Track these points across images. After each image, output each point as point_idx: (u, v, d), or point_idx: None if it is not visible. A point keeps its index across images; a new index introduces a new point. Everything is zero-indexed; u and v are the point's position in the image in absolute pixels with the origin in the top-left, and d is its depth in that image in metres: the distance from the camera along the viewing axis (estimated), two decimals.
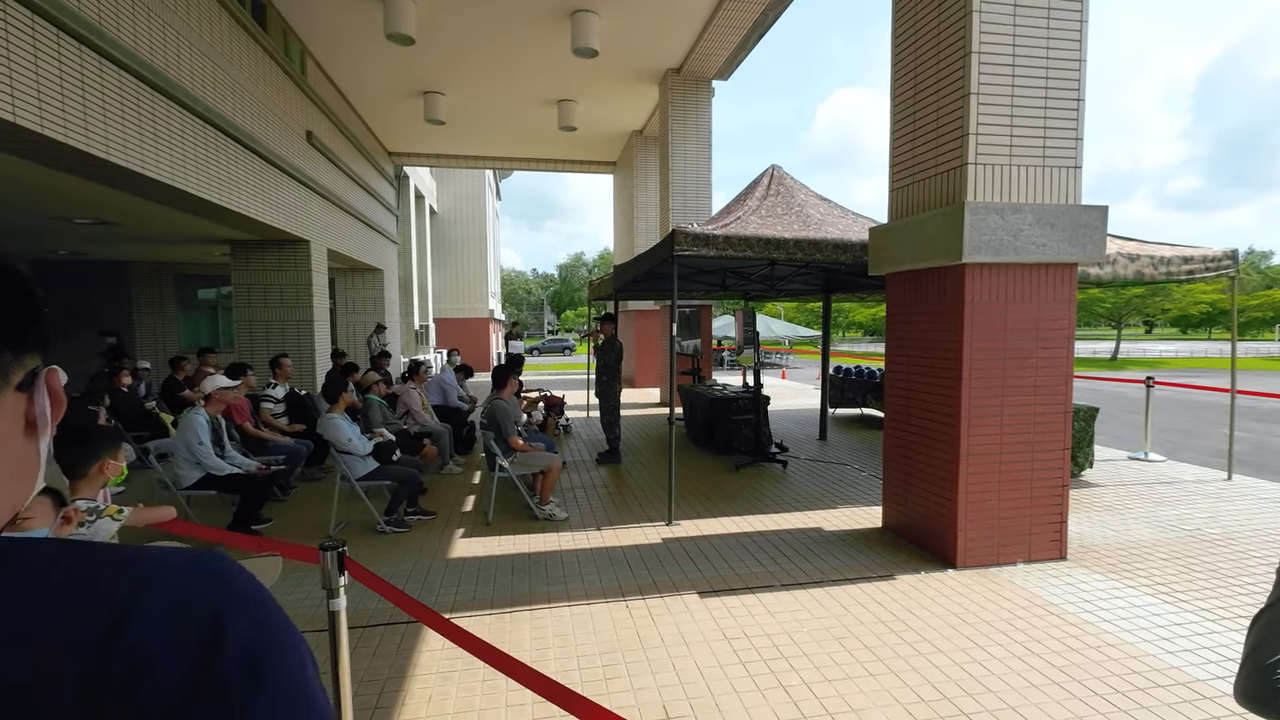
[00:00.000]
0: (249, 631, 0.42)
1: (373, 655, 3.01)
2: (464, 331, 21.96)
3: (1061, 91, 3.91)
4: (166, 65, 5.23)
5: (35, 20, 3.77)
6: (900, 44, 4.44)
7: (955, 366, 3.99)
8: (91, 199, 6.13)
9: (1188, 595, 3.61)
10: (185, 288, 13.38)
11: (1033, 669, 2.87)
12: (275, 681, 0.42)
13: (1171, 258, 5.71)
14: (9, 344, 0.47)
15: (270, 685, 0.41)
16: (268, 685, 0.41)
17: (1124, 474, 6.43)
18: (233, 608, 0.43)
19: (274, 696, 0.41)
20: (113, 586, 0.42)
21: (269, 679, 0.42)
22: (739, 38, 9.08)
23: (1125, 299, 31.83)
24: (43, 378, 0.51)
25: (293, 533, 4.84)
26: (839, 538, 4.64)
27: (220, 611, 0.42)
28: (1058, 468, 4.11)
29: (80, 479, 2.43)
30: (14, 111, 3.60)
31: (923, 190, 4.27)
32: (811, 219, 5.95)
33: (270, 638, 0.43)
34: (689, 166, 10.48)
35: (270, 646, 0.43)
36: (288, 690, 0.42)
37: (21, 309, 0.48)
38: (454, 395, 8.13)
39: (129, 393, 7.39)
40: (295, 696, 0.43)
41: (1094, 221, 3.95)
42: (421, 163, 16.00)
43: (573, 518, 5.21)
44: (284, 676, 0.43)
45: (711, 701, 2.63)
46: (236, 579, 0.46)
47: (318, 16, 8.21)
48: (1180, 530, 4.72)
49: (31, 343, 0.49)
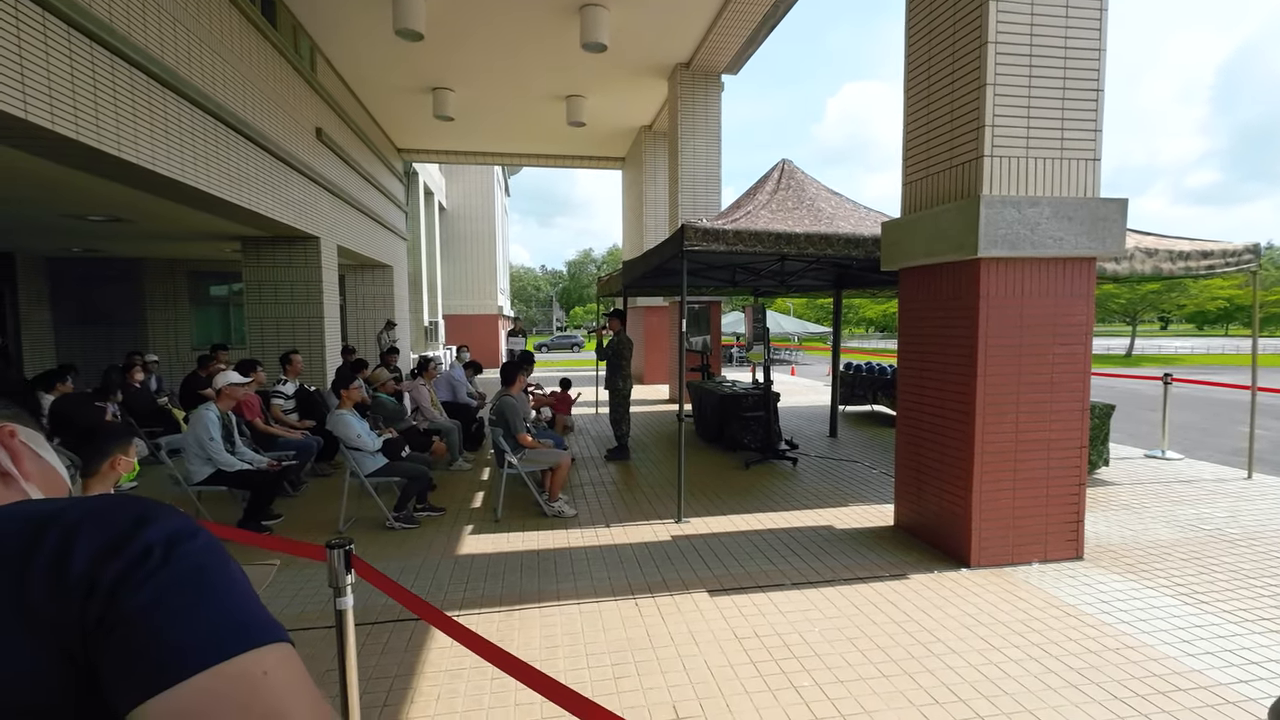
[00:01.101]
0: (174, 523, 0.49)
1: (381, 652, 3.00)
2: (473, 328, 21.99)
3: (1080, 82, 3.82)
4: (177, 62, 5.23)
5: (47, 17, 3.78)
6: (914, 35, 4.37)
7: (970, 363, 3.93)
8: (104, 196, 6.16)
9: (1208, 596, 3.54)
10: (197, 284, 13.48)
11: (1050, 671, 2.81)
12: (193, 554, 0.47)
13: (1190, 252, 5.60)
14: None
15: (189, 556, 0.47)
16: (188, 556, 0.47)
17: (1141, 472, 6.33)
18: (157, 511, 0.50)
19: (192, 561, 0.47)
20: (49, 505, 0.49)
21: (189, 551, 0.47)
22: (749, 31, 9.00)
23: (1140, 294, 31.40)
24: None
25: (302, 528, 4.85)
26: (850, 536, 4.59)
27: (146, 510, 0.49)
28: (1075, 466, 4.04)
29: (92, 477, 2.42)
30: (25, 108, 3.61)
31: (937, 183, 4.20)
32: (823, 213, 5.88)
33: (195, 531, 0.49)
34: (698, 161, 10.41)
35: (193, 535, 0.49)
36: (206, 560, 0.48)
37: None
38: (463, 392, 8.14)
39: (141, 388, 7.45)
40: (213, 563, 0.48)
41: (1113, 215, 3.87)
42: (430, 159, 16.01)
43: (582, 515, 5.19)
44: (204, 550, 0.48)
45: (722, 702, 2.60)
46: (163, 506, 0.51)
47: (327, 12, 8.21)
48: (1200, 530, 4.63)
49: None
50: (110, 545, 0.45)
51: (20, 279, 11.33)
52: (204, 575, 0.46)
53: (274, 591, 3.66)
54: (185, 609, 0.44)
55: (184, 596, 0.44)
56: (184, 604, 0.44)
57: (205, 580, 0.46)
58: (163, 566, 0.45)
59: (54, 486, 0.64)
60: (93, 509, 0.48)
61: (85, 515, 0.47)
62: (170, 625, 0.43)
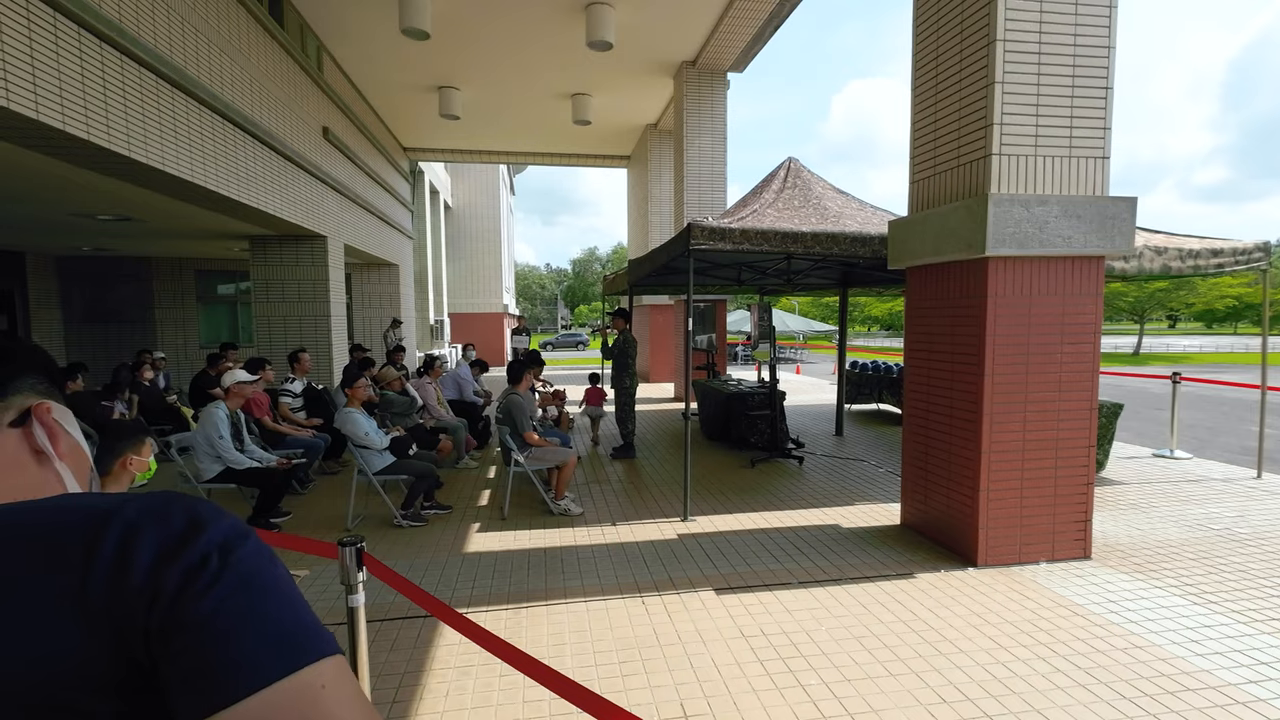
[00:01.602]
0: (225, 526, 0.50)
1: (390, 649, 3.02)
2: (478, 326, 22.05)
3: (1089, 79, 3.81)
4: (185, 62, 5.26)
5: (57, 18, 3.81)
6: (921, 32, 4.35)
7: (977, 362, 3.92)
8: (113, 195, 6.20)
9: (1217, 596, 3.53)
10: (205, 283, 13.54)
11: (1057, 670, 2.81)
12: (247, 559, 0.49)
13: (1200, 250, 5.57)
14: None
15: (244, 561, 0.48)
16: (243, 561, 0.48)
17: (1149, 472, 6.30)
18: (206, 510, 0.51)
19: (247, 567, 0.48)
20: (105, 499, 0.50)
21: (244, 557, 0.49)
22: (755, 29, 8.98)
23: (1148, 293, 31.21)
24: (33, 414, 0.61)
25: (311, 526, 4.88)
26: (857, 535, 4.59)
27: (197, 510, 0.50)
28: (1083, 465, 4.03)
29: (107, 476, 2.44)
30: (37, 108, 3.64)
31: (944, 182, 4.19)
32: (829, 212, 5.87)
33: (246, 535, 0.51)
34: (704, 160, 10.40)
35: (244, 538, 0.50)
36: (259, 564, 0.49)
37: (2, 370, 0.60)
38: (469, 390, 8.16)
39: (150, 386, 7.50)
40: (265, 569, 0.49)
41: (1122, 213, 3.85)
42: (436, 158, 16.04)
43: (588, 513, 5.21)
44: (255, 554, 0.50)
45: (730, 700, 2.61)
46: (210, 504, 0.53)
47: (334, 12, 8.24)
48: (1208, 529, 4.61)
49: (15, 389, 0.60)
50: (170, 551, 0.46)
51: (30, 278, 11.42)
52: (259, 582, 0.48)
53: None
54: (244, 621, 0.45)
55: (242, 608, 0.45)
56: (243, 616, 0.45)
57: (261, 589, 0.47)
58: (221, 574, 0.46)
59: (81, 464, 0.65)
60: (149, 508, 0.49)
61: (143, 515, 0.48)
62: (231, 639, 0.44)
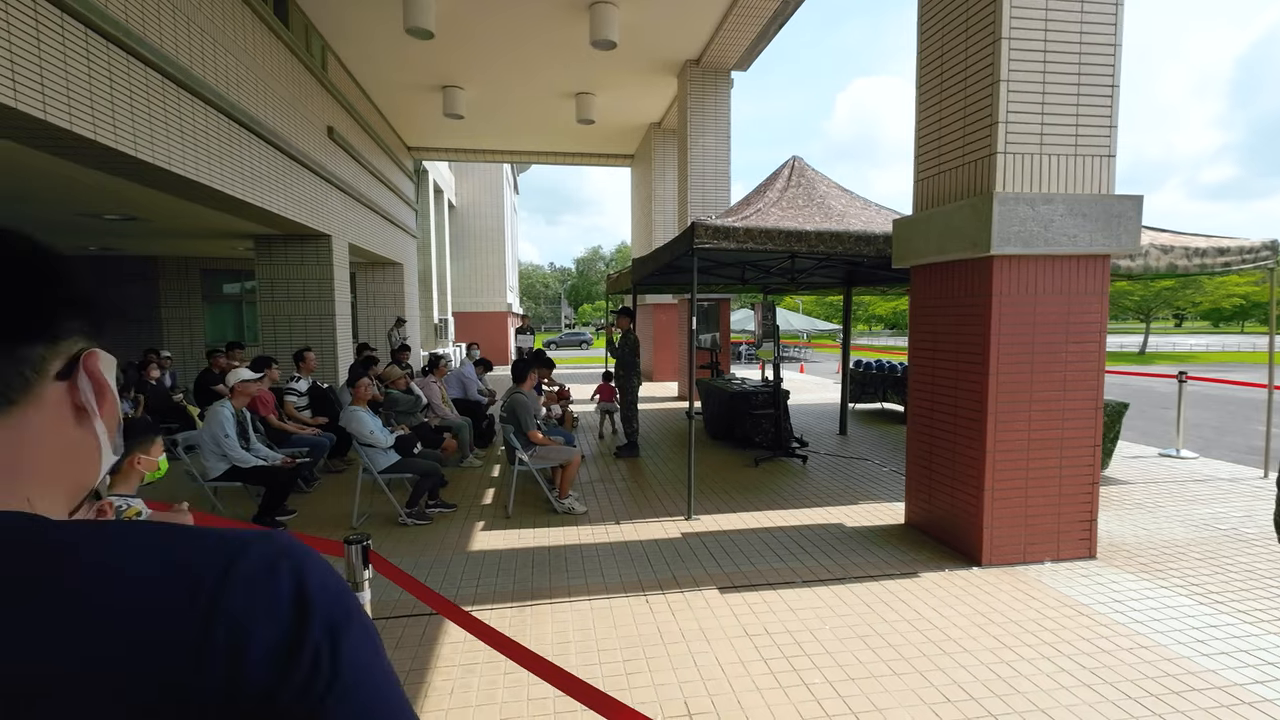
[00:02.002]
0: (328, 601, 0.45)
1: (396, 646, 3.03)
2: (482, 325, 22.09)
3: (1095, 77, 3.79)
4: (191, 62, 5.29)
5: (65, 19, 3.83)
6: (926, 30, 4.34)
7: (982, 361, 3.91)
8: (120, 195, 6.24)
9: (1223, 596, 3.51)
10: (211, 282, 13.61)
11: (1062, 670, 2.81)
12: (355, 649, 0.45)
13: (1207, 249, 5.54)
14: (40, 337, 0.48)
15: (353, 653, 0.45)
16: (346, 651, 0.44)
17: (1155, 471, 6.28)
18: (310, 578, 0.46)
19: (358, 662, 0.45)
20: (202, 559, 0.44)
21: (352, 647, 0.45)
22: (759, 27, 8.97)
23: (1154, 292, 31.04)
24: (81, 364, 0.51)
25: (316, 524, 4.90)
26: (861, 534, 4.59)
27: (301, 581, 0.45)
28: (1088, 465, 4.02)
29: (117, 474, 2.46)
30: (45, 109, 3.66)
31: (949, 180, 4.18)
32: (833, 211, 5.87)
33: (348, 609, 0.46)
34: (707, 158, 10.39)
35: (347, 616, 0.46)
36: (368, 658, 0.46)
37: (53, 298, 0.49)
38: (473, 389, 8.18)
39: (157, 385, 7.54)
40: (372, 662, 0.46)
41: (1128, 211, 3.83)
42: (440, 157, 16.07)
43: (592, 511, 5.22)
44: (361, 643, 0.46)
45: (734, 699, 2.61)
46: (307, 553, 0.48)
47: (338, 11, 8.26)
48: (1215, 529, 4.59)
49: (67, 330, 0.50)
50: (283, 650, 0.42)
51: None
52: (370, 682, 0.45)
53: None
54: None
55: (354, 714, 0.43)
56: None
57: (372, 691, 0.45)
58: (334, 679, 0.43)
59: (113, 422, 0.55)
60: (251, 580, 0.44)
61: (252, 602, 0.43)
62: None
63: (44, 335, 0.48)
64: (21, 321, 0.47)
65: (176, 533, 0.45)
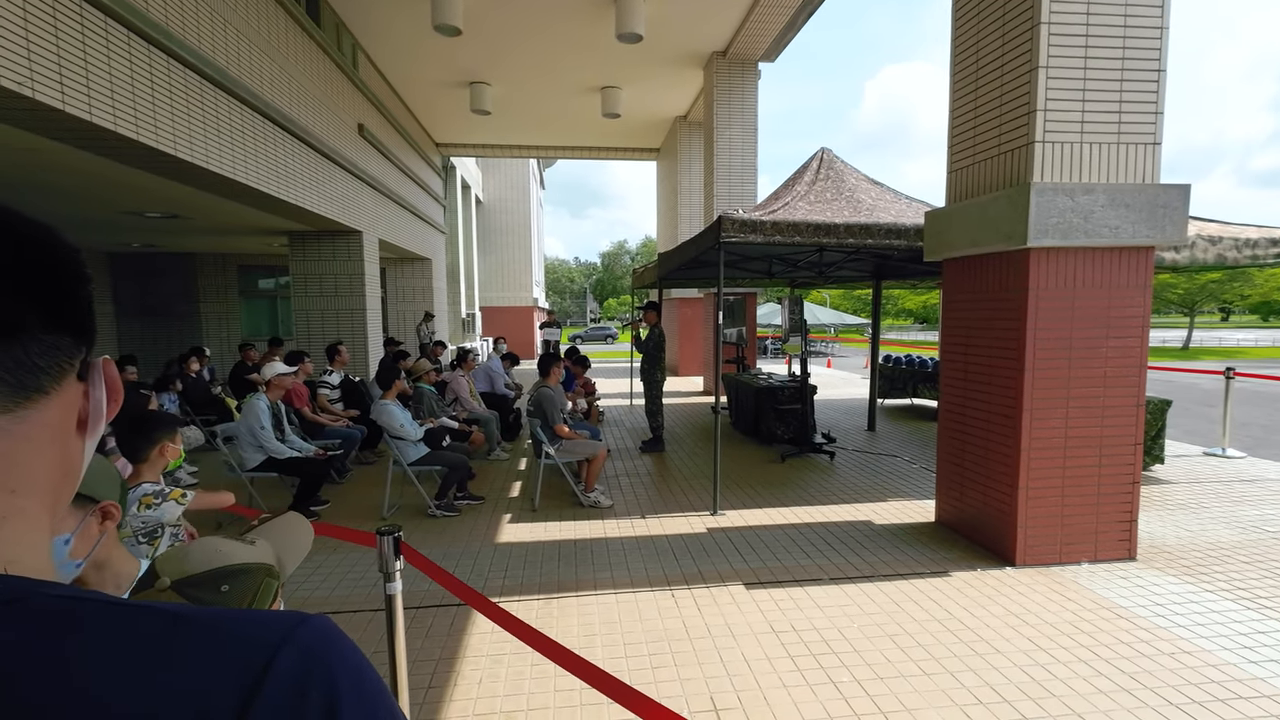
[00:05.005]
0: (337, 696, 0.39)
1: (425, 636, 3.09)
2: (509, 320, 22.27)
3: (1140, 62, 3.65)
4: (227, 62, 5.41)
5: (108, 22, 3.95)
6: (961, 16, 4.23)
7: (1017, 357, 3.81)
8: (160, 193, 6.43)
9: (1273, 601, 3.38)
10: (247, 278, 13.97)
11: (1100, 674, 2.73)
12: None
13: (1258, 239, 5.30)
14: (76, 331, 0.46)
15: None
16: None
17: (1199, 471, 6.06)
18: (344, 699, 0.39)
19: None
20: (211, 683, 0.36)
21: None
22: (787, 17, 8.84)
23: (1200, 284, 29.90)
24: (99, 368, 0.49)
25: (348, 514, 5.01)
26: (890, 531, 4.52)
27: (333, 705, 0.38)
28: (1128, 463, 3.89)
29: (143, 463, 2.54)
30: (90, 110, 3.79)
31: (984, 171, 4.07)
32: (863, 203, 5.77)
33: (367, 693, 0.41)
34: (734, 151, 10.30)
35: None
36: None
37: (88, 292, 0.47)
38: (500, 382, 8.26)
39: (197, 378, 7.77)
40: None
41: (1174, 201, 3.69)
42: (468, 153, 16.22)
43: (617, 505, 5.23)
44: None
45: (760, 695, 2.60)
46: (341, 658, 0.41)
47: (368, 10, 8.38)
48: (1263, 532, 4.41)
49: (89, 331, 0.47)
50: None
51: None
52: None
53: (321, 575, 3.80)
54: None
55: None
56: None
57: None
58: None
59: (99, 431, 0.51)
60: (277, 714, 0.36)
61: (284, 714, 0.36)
62: None
63: (82, 328, 0.46)
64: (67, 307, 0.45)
65: (177, 635, 0.37)
